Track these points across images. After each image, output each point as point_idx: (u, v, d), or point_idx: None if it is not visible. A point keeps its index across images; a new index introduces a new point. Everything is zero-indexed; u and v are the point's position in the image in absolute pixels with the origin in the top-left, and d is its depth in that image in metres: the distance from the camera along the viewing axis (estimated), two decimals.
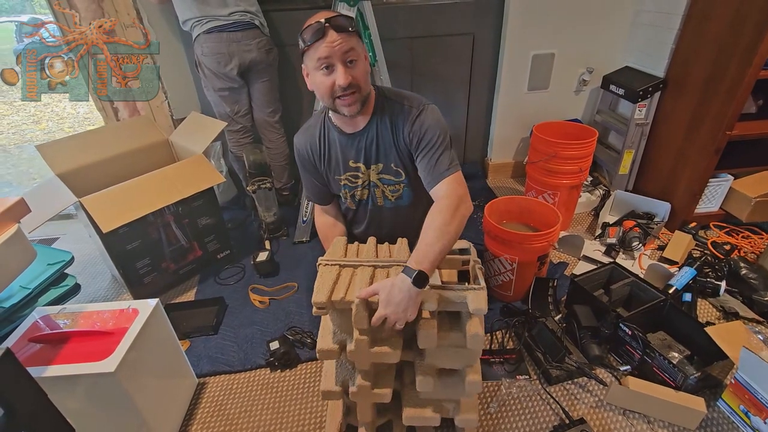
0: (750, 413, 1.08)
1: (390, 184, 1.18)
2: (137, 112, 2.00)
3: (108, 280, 1.82)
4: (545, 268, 1.57)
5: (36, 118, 4.59)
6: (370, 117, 1.12)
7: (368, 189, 1.21)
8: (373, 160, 1.16)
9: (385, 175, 1.16)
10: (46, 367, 0.92)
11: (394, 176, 1.16)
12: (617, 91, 2.02)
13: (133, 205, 1.47)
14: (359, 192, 1.22)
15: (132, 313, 1.06)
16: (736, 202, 1.82)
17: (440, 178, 1.03)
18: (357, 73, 0.99)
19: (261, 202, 1.91)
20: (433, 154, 1.05)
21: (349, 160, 1.17)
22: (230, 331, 1.50)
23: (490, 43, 2.13)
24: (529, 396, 1.22)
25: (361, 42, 1.02)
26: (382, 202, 1.22)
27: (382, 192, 1.20)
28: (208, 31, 1.68)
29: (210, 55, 1.72)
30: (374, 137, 1.13)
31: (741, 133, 1.64)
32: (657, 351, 1.18)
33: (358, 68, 1.00)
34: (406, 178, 1.16)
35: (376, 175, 1.18)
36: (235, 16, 1.65)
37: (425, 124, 1.06)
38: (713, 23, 1.63)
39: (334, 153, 1.18)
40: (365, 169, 1.17)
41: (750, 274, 1.50)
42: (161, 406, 1.12)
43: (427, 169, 1.06)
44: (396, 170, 1.15)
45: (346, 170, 1.19)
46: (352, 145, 1.15)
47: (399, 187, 1.18)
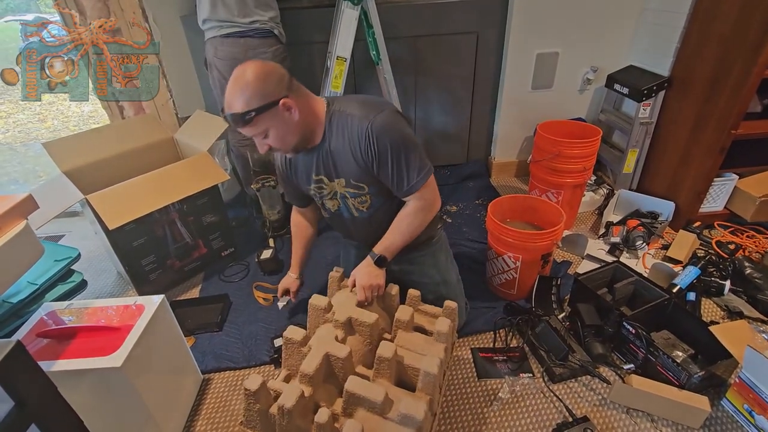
0: (754, 412, 1.08)
1: (356, 197, 1.17)
2: (142, 111, 2.01)
3: (114, 276, 1.83)
4: (549, 267, 1.57)
5: (41, 117, 4.61)
6: (323, 135, 1.10)
7: (338, 200, 1.21)
8: (334, 174, 1.15)
9: (348, 189, 1.16)
10: (54, 361, 0.93)
11: (357, 189, 1.15)
12: (621, 90, 2.01)
13: (138, 203, 1.48)
14: (329, 202, 1.23)
15: (138, 309, 1.07)
16: (741, 202, 1.82)
17: (410, 192, 1.09)
18: (273, 142, 1.04)
19: (265, 200, 1.92)
20: (396, 171, 1.05)
21: (311, 173, 1.17)
22: (234, 328, 1.50)
23: (493, 41, 2.13)
24: (532, 394, 1.22)
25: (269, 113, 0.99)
26: (357, 213, 1.21)
27: (352, 204, 1.20)
28: (225, 35, 1.66)
29: (224, 59, 1.70)
30: (329, 153, 1.11)
31: (746, 133, 1.64)
32: (661, 350, 1.18)
33: (272, 139, 1.03)
34: (370, 187, 1.13)
35: (342, 188, 1.17)
36: (255, 25, 1.65)
37: (380, 140, 1.02)
38: (718, 22, 1.62)
39: (298, 165, 1.20)
40: (328, 181, 1.17)
41: (755, 273, 1.50)
42: (167, 402, 1.13)
43: (393, 184, 1.09)
44: (357, 184, 1.13)
45: (310, 182, 1.20)
46: (311, 159, 1.15)
47: (366, 198, 1.16)
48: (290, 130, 1.03)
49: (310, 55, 2.06)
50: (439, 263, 1.35)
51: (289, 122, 1.02)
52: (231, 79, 0.99)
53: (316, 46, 2.02)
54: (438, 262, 1.35)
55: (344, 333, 1.04)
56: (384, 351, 0.95)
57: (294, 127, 1.03)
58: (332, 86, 1.74)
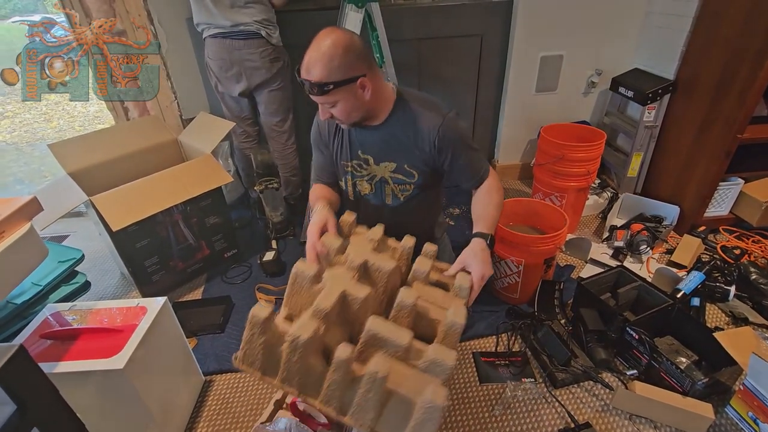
0: (759, 420, 1.07)
1: (401, 183, 1.20)
2: (147, 112, 2.02)
3: (117, 277, 1.84)
4: (552, 271, 1.56)
5: (47, 117, 4.65)
6: (387, 118, 1.13)
7: (373, 185, 1.23)
8: (385, 157, 1.18)
9: (398, 174, 1.19)
10: (57, 363, 0.94)
11: (406, 176, 1.19)
12: (626, 93, 2.00)
13: (142, 204, 1.49)
14: (361, 185, 1.24)
15: (140, 310, 1.07)
16: (747, 206, 1.80)
17: (482, 179, 1.17)
18: (338, 113, 1.05)
19: (268, 201, 1.93)
20: (470, 161, 1.15)
21: (359, 150, 1.19)
22: (237, 329, 1.51)
23: (497, 44, 2.13)
24: (534, 399, 1.22)
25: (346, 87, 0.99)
26: (391, 200, 1.24)
27: (392, 190, 1.23)
28: (213, 36, 1.70)
29: (214, 59, 1.75)
30: (389, 136, 1.15)
31: (752, 137, 1.62)
32: (664, 356, 1.17)
33: (339, 109, 1.04)
34: (419, 178, 1.18)
35: (388, 172, 1.20)
36: (239, 27, 1.66)
37: (456, 132, 1.12)
38: (724, 25, 1.61)
39: (346, 138, 1.20)
40: (373, 162, 1.19)
41: (760, 279, 1.49)
42: (169, 403, 1.14)
43: (466, 174, 1.17)
44: (409, 171, 1.18)
45: (353, 158, 1.21)
46: (364, 137, 1.17)
47: (409, 187, 1.21)
48: (358, 106, 1.05)
49: None
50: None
51: (360, 99, 1.03)
52: (315, 42, 0.96)
53: None
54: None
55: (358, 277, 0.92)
56: (406, 297, 0.84)
57: (363, 104, 1.05)
58: None
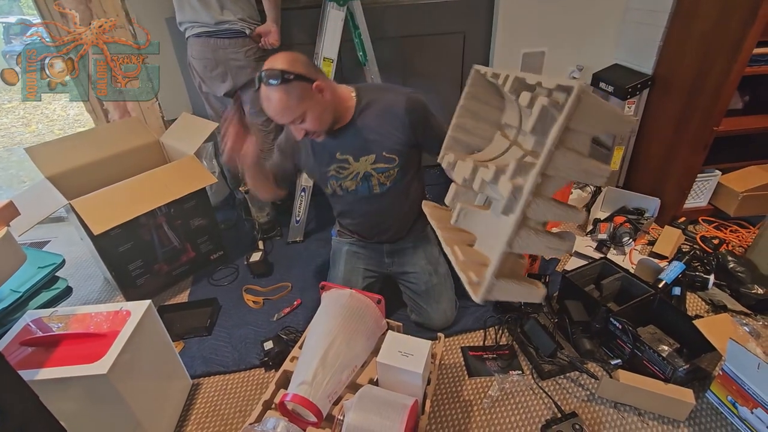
0: (737, 404, 1.10)
1: (383, 171, 1.26)
2: (128, 114, 1.99)
3: (100, 282, 1.81)
4: (537, 264, 1.59)
5: (25, 121, 4.54)
6: (354, 114, 1.20)
7: (358, 180, 1.28)
8: (363, 152, 1.23)
9: (378, 164, 1.25)
10: (38, 370, 0.92)
11: (387, 162, 1.25)
12: (606, 88, 2.03)
13: (124, 207, 1.47)
14: (348, 183, 1.29)
15: (124, 314, 1.06)
16: (724, 197, 1.85)
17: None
18: (310, 126, 1.10)
19: (254, 202, 1.91)
20: (438, 126, 1.20)
21: (336, 153, 1.24)
22: (224, 331, 1.49)
23: (480, 41, 2.15)
24: (521, 391, 1.24)
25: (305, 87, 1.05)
26: (378, 188, 1.29)
27: (377, 180, 1.28)
28: (197, 35, 1.67)
29: (198, 58, 1.72)
30: (361, 131, 1.20)
31: (728, 129, 1.67)
32: (647, 344, 1.20)
33: (309, 123, 1.10)
34: (399, 159, 1.25)
35: (369, 165, 1.25)
36: (224, 25, 1.64)
37: (420, 104, 1.20)
38: (700, 21, 1.65)
39: (320, 147, 1.25)
40: (353, 161, 1.24)
41: (737, 267, 1.53)
42: (155, 408, 1.12)
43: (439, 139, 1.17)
44: (388, 157, 1.24)
45: (332, 162, 1.26)
46: (338, 140, 1.23)
47: (393, 172, 1.27)
48: (325, 109, 1.11)
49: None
50: (428, 254, 1.44)
51: (323, 103, 1.10)
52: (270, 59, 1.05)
53: (304, 48, 2.01)
54: (428, 254, 1.44)
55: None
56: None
57: (328, 106, 1.12)
58: None
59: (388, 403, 0.96)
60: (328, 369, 1.00)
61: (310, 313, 1.35)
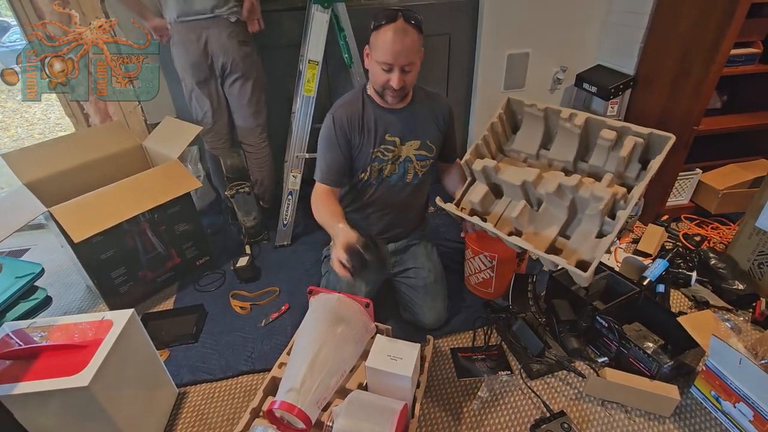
0: (720, 398, 1.12)
1: (423, 160, 1.35)
2: (109, 118, 1.95)
3: (82, 290, 1.77)
4: (524, 265, 1.60)
5: (4, 125, 4.41)
6: (410, 101, 1.31)
7: (398, 165, 1.34)
8: (410, 136, 1.31)
9: (421, 151, 1.34)
10: (16, 384, 0.89)
11: (428, 151, 1.35)
12: (590, 89, 2.06)
13: (106, 214, 1.44)
14: (387, 167, 1.34)
15: (106, 324, 1.03)
16: (705, 195, 1.89)
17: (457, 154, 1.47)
18: (409, 79, 1.18)
19: (240, 206, 1.89)
20: (455, 135, 1.45)
21: (386, 134, 1.29)
22: (211, 338, 1.47)
23: (466, 43, 2.16)
24: (511, 391, 1.24)
25: (419, 50, 1.18)
26: (411, 178, 1.36)
27: (413, 168, 1.35)
28: (182, 21, 1.62)
29: (179, 44, 1.66)
30: (412, 116, 1.30)
31: (707, 128, 1.70)
32: (632, 342, 1.21)
33: (410, 75, 1.18)
34: (435, 152, 1.37)
35: (413, 151, 1.33)
36: (214, 12, 1.61)
37: (452, 117, 1.40)
38: (679, 22, 1.68)
39: (372, 125, 1.29)
40: (399, 143, 1.31)
41: (719, 264, 1.56)
42: (140, 419, 1.10)
43: (455, 145, 1.46)
44: (430, 146, 1.35)
45: (380, 143, 1.30)
46: (390, 120, 1.29)
47: (428, 163, 1.37)
48: (416, 77, 1.22)
49: (283, 58, 2.03)
50: (429, 254, 1.50)
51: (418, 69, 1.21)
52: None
53: (290, 50, 1.99)
54: (428, 253, 1.51)
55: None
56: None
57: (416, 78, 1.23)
58: (305, 90, 1.72)
59: (378, 408, 0.95)
60: (316, 375, 0.99)
61: (299, 317, 1.33)
